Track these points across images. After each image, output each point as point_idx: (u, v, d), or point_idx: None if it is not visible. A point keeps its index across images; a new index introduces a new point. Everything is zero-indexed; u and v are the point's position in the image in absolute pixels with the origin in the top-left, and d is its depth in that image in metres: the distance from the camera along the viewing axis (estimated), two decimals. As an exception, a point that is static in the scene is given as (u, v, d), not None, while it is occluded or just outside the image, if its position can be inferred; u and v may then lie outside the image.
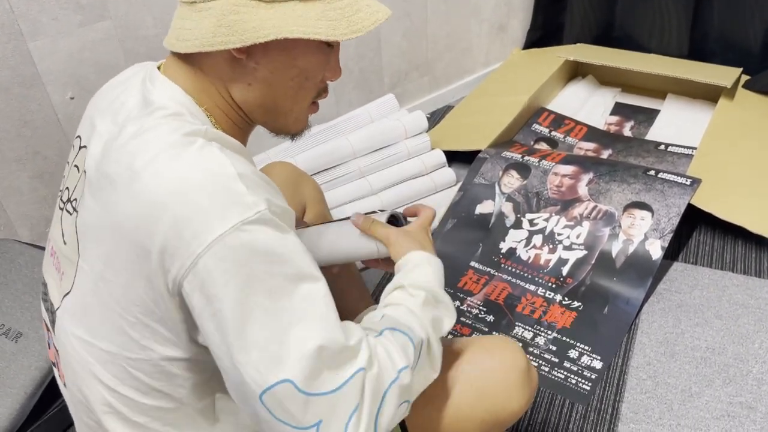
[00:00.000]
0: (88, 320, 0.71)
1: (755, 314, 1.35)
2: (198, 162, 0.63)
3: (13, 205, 1.40)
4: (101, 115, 0.74)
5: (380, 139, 1.67)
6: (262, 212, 0.62)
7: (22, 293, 1.19)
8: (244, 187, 0.62)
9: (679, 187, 1.50)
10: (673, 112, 1.99)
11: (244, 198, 0.62)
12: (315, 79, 0.74)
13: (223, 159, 0.63)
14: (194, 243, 0.60)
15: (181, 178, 0.62)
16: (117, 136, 0.69)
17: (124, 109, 0.71)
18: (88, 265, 0.70)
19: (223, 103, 0.73)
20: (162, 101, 0.69)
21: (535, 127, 1.94)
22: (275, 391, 0.61)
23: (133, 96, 0.72)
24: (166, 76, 0.72)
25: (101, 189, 0.68)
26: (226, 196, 0.61)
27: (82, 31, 1.35)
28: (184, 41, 0.69)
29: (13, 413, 1.07)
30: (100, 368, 0.72)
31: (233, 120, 0.75)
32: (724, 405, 1.17)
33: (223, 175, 0.62)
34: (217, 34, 0.67)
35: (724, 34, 2.03)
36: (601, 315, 1.36)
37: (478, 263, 1.52)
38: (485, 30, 2.20)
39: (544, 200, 1.57)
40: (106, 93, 0.79)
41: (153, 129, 0.66)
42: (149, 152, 0.64)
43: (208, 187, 0.61)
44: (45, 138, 1.38)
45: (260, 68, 0.70)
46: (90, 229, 0.70)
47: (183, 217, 0.61)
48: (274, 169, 1.18)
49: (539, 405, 1.20)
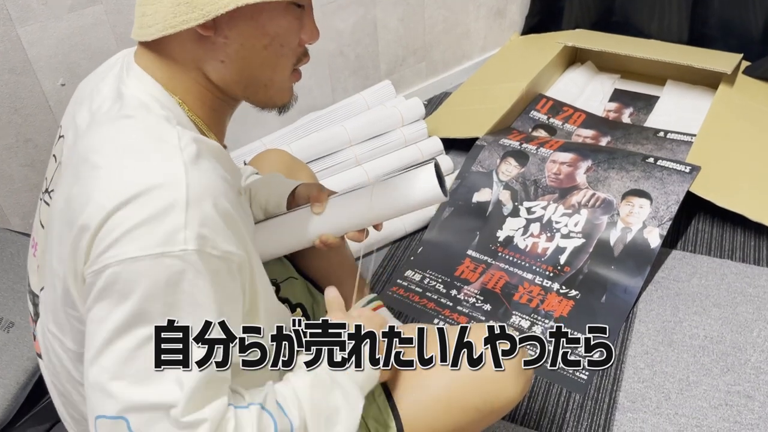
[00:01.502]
0: (55, 317, 0.70)
1: (754, 302, 1.34)
2: (154, 178, 0.60)
3: (4, 194, 1.38)
4: (80, 104, 0.73)
5: (376, 127, 1.65)
6: (188, 252, 0.59)
7: (13, 282, 1.18)
8: (183, 219, 0.59)
9: (678, 175, 1.49)
10: (673, 99, 1.97)
11: (178, 231, 0.59)
12: (291, 44, 0.71)
13: (180, 180, 0.60)
14: (110, 252, 0.59)
15: (134, 192, 0.59)
16: (89, 127, 0.67)
17: (99, 99, 0.69)
18: (50, 258, 0.69)
19: (198, 87, 0.70)
20: (132, 93, 0.67)
21: (533, 113, 1.92)
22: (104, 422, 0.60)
23: (108, 85, 0.70)
24: (140, 66, 0.70)
25: (67, 180, 0.66)
26: (161, 223, 0.59)
27: (73, 16, 1.33)
28: (147, 28, 0.67)
29: (5, 403, 1.07)
30: (71, 365, 0.72)
31: (210, 104, 0.72)
32: (722, 394, 1.17)
33: (170, 201, 0.59)
34: (177, 14, 0.64)
35: (725, 20, 2.01)
36: (599, 304, 1.35)
37: (475, 252, 1.50)
38: (483, 15, 2.17)
39: (542, 188, 1.56)
40: (88, 81, 0.77)
41: (122, 126, 0.64)
42: (113, 151, 0.62)
43: (149, 208, 0.59)
44: (36, 125, 1.36)
45: (230, 42, 0.67)
46: (52, 217, 0.68)
47: (119, 229, 0.59)
48: (268, 157, 1.16)
49: (536, 394, 1.20)
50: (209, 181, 0.63)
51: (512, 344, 0.80)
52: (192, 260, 0.59)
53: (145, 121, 0.65)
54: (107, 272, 0.59)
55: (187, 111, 0.70)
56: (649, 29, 2.11)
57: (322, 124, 1.63)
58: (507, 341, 0.79)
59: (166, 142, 0.63)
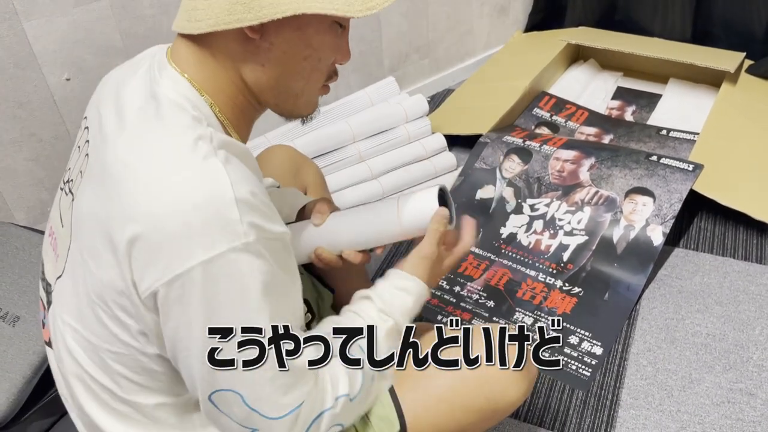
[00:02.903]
0: (75, 307, 0.71)
1: (756, 301, 1.34)
2: (198, 180, 0.62)
3: (9, 188, 1.38)
4: (106, 99, 0.73)
5: (380, 123, 1.65)
6: (250, 243, 0.62)
7: (19, 277, 1.18)
8: (238, 214, 0.62)
9: (681, 173, 1.49)
10: (676, 97, 1.97)
11: (235, 226, 0.61)
12: (327, 60, 0.73)
13: (224, 179, 0.62)
14: (176, 262, 0.61)
15: (178, 194, 0.61)
16: (119, 127, 0.67)
17: (127, 97, 0.70)
18: (78, 251, 0.70)
19: (232, 88, 0.71)
20: (167, 95, 0.68)
21: (536, 111, 1.92)
22: (224, 394, 0.65)
23: (138, 83, 0.71)
24: (174, 64, 0.70)
25: (99, 179, 0.67)
26: (218, 222, 0.61)
27: (78, 11, 1.33)
28: (196, 22, 0.67)
29: (11, 397, 1.07)
30: (84, 356, 0.72)
31: (240, 106, 0.73)
32: (724, 391, 1.17)
33: (220, 199, 0.62)
34: (232, 12, 0.65)
35: (728, 18, 2.01)
36: (602, 301, 1.35)
37: (479, 248, 1.51)
38: (486, 12, 2.17)
39: (546, 185, 1.56)
40: (115, 75, 0.77)
41: (157, 128, 0.65)
42: (151, 155, 0.64)
43: (202, 210, 0.61)
44: (41, 120, 1.36)
45: (274, 48, 0.69)
46: (82, 216, 0.69)
47: (171, 233, 0.61)
48: (275, 153, 1.17)
49: (539, 391, 1.20)
50: (245, 174, 0.65)
51: (521, 345, 0.81)
52: (256, 249, 0.63)
53: (180, 124, 0.65)
54: (179, 282, 0.61)
55: (218, 113, 0.71)
56: (652, 27, 2.12)
57: (326, 120, 1.63)
58: (515, 342, 0.80)
59: (199, 145, 0.64)
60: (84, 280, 0.69)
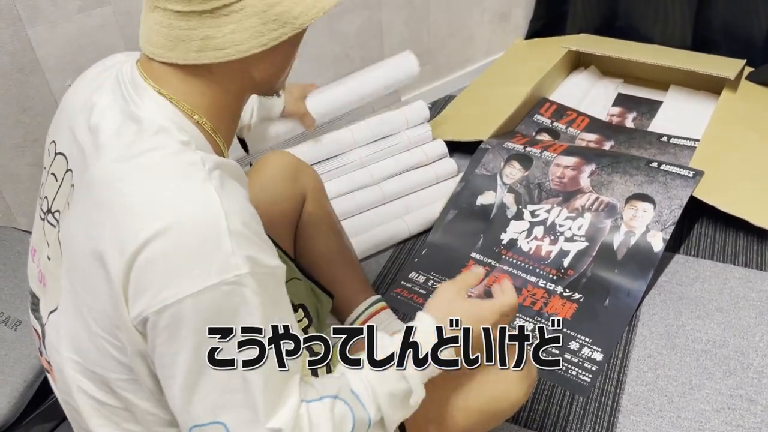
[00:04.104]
0: (76, 343, 0.70)
1: (756, 307, 1.34)
2: (190, 210, 0.61)
3: (12, 193, 1.39)
4: (76, 118, 0.71)
5: (381, 129, 1.66)
6: (242, 276, 0.61)
7: (21, 281, 1.19)
8: (231, 246, 0.60)
9: (681, 179, 1.49)
10: (676, 104, 1.98)
11: (228, 259, 0.60)
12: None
13: (218, 209, 0.61)
14: (166, 291, 0.60)
15: (170, 224, 0.60)
16: (98, 153, 0.65)
17: (100, 119, 0.67)
18: (71, 285, 0.68)
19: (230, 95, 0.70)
20: (151, 119, 0.65)
21: (537, 117, 1.93)
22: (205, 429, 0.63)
23: (108, 102, 0.68)
24: (153, 83, 0.67)
25: (86, 209, 0.65)
26: (211, 254, 0.60)
27: (82, 17, 1.33)
28: (219, 51, 0.64)
29: (12, 401, 1.07)
30: (91, 385, 0.71)
31: (231, 112, 0.72)
32: (725, 398, 1.17)
33: (214, 231, 0.60)
34: (265, 32, 0.63)
35: (728, 25, 2.01)
36: (602, 307, 1.35)
37: (479, 254, 1.51)
38: (487, 19, 2.18)
39: (546, 191, 1.57)
40: (76, 92, 0.74)
41: (145, 156, 0.63)
42: (141, 184, 0.62)
43: (195, 239, 0.60)
44: (44, 125, 1.36)
45: (285, 44, 0.67)
46: (73, 250, 0.67)
47: (163, 262, 0.60)
48: (272, 160, 1.17)
49: (539, 396, 1.20)
50: (240, 204, 0.64)
51: (520, 345, 0.81)
52: (248, 282, 0.61)
53: (168, 149, 0.64)
54: (169, 312, 0.60)
55: (208, 128, 0.69)
56: (653, 34, 2.12)
57: (327, 126, 1.64)
58: (515, 342, 0.79)
59: (193, 170, 0.63)
60: (81, 314, 0.67)
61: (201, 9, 0.62)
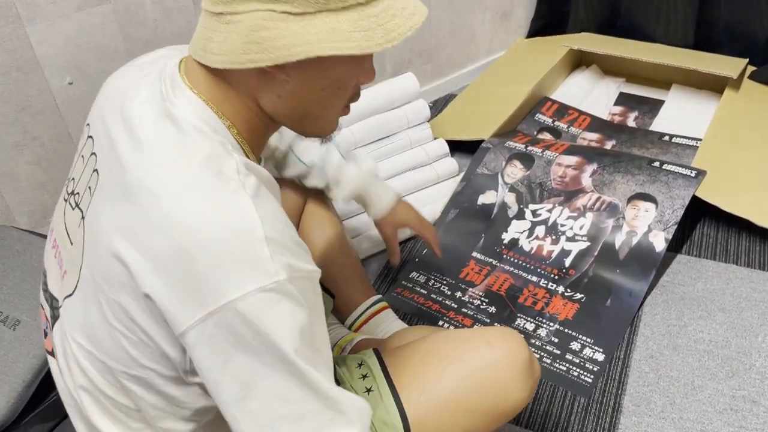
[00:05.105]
0: (89, 330, 0.70)
1: (759, 307, 1.34)
2: (228, 217, 0.61)
3: (11, 192, 1.38)
4: (111, 111, 0.71)
5: (382, 129, 1.65)
6: (280, 282, 0.61)
7: (20, 280, 1.18)
8: (268, 252, 0.61)
9: (683, 179, 1.49)
10: (678, 103, 1.97)
11: (266, 265, 0.60)
12: (348, 86, 0.70)
13: (254, 216, 0.61)
14: (208, 300, 0.60)
15: (207, 231, 0.60)
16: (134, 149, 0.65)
17: (136, 113, 0.68)
18: (91, 275, 0.68)
19: (249, 113, 0.70)
20: (186, 118, 0.66)
21: (538, 116, 1.92)
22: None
23: (146, 97, 0.68)
24: (188, 82, 0.68)
25: (119, 204, 0.65)
26: (248, 260, 0.60)
27: (81, 15, 1.33)
28: (211, 54, 0.65)
29: (10, 401, 1.07)
30: (97, 375, 0.71)
31: (258, 129, 0.72)
32: (727, 398, 1.17)
33: (250, 238, 0.61)
34: (246, 51, 0.63)
35: (731, 24, 2.01)
36: (604, 307, 1.35)
37: (480, 254, 1.50)
38: (489, 17, 2.17)
39: (548, 191, 1.56)
40: (117, 82, 0.75)
41: (181, 155, 0.64)
42: (177, 186, 0.62)
43: (232, 247, 0.60)
44: (43, 123, 1.37)
45: (291, 81, 0.66)
46: (97, 241, 0.67)
47: (201, 271, 0.60)
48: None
49: (541, 396, 1.20)
50: (274, 211, 0.64)
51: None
52: (286, 289, 0.61)
53: (203, 151, 0.64)
54: (210, 321, 0.60)
55: (236, 135, 0.69)
56: (655, 33, 2.11)
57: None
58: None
59: (228, 175, 0.63)
60: (99, 305, 0.67)
61: (212, 10, 0.64)
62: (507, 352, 0.83)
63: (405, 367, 0.85)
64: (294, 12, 0.61)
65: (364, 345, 1.06)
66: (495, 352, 0.83)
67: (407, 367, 0.85)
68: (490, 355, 0.83)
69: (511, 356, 0.83)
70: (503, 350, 0.83)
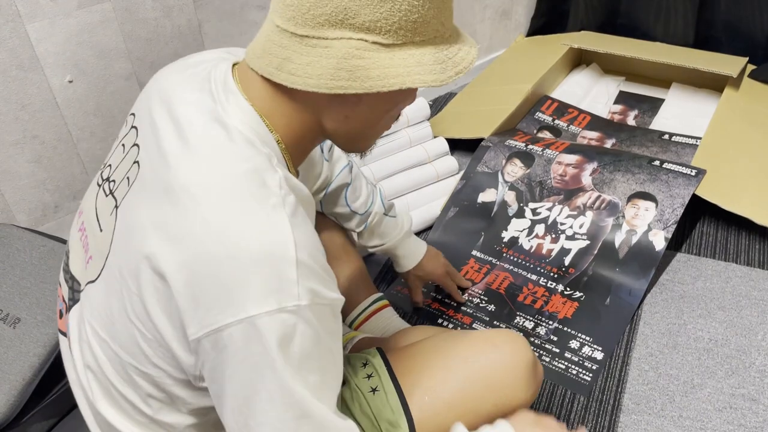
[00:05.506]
0: (107, 320, 0.70)
1: (758, 306, 1.34)
2: (264, 232, 0.61)
3: (11, 190, 1.38)
4: (158, 106, 0.71)
5: (382, 126, 1.65)
6: (301, 306, 0.61)
7: (20, 279, 1.18)
8: (295, 275, 0.61)
9: (683, 178, 1.49)
10: (678, 102, 1.97)
11: (291, 287, 0.61)
12: (401, 109, 0.74)
13: (288, 236, 0.61)
14: (228, 311, 0.60)
15: (240, 242, 0.60)
16: (182, 149, 0.65)
17: (185, 114, 0.68)
18: (116, 266, 0.68)
19: (303, 128, 0.70)
20: (236, 126, 0.66)
21: (538, 115, 1.92)
22: None
23: (196, 99, 0.68)
24: (242, 90, 0.68)
25: (157, 201, 0.65)
26: (275, 279, 0.61)
27: (81, 13, 1.33)
28: (290, 75, 0.65)
29: (10, 399, 1.07)
30: (108, 364, 0.72)
31: (305, 143, 0.73)
32: (727, 397, 1.17)
33: (281, 258, 0.61)
34: (336, 78, 0.63)
35: (731, 23, 2.01)
36: (603, 305, 1.35)
37: (480, 252, 1.50)
38: (489, 16, 2.17)
39: (548, 189, 1.56)
40: (167, 78, 0.75)
41: (227, 163, 0.64)
42: (218, 193, 0.62)
43: (261, 264, 0.60)
44: (43, 122, 1.37)
45: (361, 103, 0.68)
46: (128, 234, 0.67)
47: (226, 281, 0.60)
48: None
49: (540, 395, 1.20)
50: (308, 235, 0.64)
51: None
52: (305, 314, 0.62)
53: (250, 161, 0.64)
54: (227, 332, 0.60)
55: (283, 149, 0.70)
56: (655, 32, 2.11)
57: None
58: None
59: (270, 191, 0.63)
60: (121, 297, 0.67)
61: (293, 31, 0.64)
62: (511, 354, 0.84)
63: (410, 367, 0.85)
64: (384, 43, 0.63)
65: (365, 343, 1.06)
66: (499, 354, 0.84)
67: (412, 367, 0.85)
68: (494, 357, 0.84)
69: (516, 358, 0.84)
70: (507, 352, 0.84)
